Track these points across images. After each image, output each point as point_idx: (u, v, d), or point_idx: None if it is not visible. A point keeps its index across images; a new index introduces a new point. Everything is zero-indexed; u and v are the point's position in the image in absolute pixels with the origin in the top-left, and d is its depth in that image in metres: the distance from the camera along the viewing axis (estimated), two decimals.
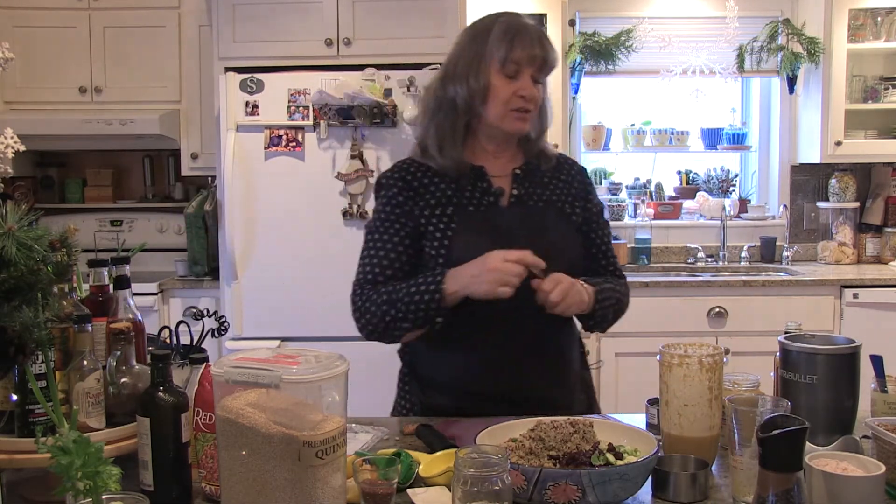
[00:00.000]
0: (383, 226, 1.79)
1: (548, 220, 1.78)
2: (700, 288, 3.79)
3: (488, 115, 1.74)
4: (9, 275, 1.17)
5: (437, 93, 1.79)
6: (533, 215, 1.77)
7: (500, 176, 1.80)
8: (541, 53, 1.72)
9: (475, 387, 1.73)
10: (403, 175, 1.80)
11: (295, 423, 1.13)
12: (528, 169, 1.83)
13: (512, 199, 1.78)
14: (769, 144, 4.51)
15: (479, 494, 1.10)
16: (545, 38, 1.76)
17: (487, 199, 1.77)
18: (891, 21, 4.09)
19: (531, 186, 1.81)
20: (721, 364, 1.46)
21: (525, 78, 1.72)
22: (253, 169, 3.46)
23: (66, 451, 1.07)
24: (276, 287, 3.49)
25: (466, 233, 1.72)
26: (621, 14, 4.29)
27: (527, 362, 1.73)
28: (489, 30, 1.74)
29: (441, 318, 1.66)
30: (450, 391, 1.76)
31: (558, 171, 1.86)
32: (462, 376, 1.75)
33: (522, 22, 1.77)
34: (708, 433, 1.44)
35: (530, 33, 1.74)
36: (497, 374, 1.72)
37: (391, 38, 3.56)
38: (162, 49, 3.96)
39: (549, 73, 1.78)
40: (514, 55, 1.71)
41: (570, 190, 1.84)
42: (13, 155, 1.40)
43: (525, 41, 1.72)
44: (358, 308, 1.75)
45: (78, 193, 4.36)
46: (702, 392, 1.43)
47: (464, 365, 1.74)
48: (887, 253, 4.24)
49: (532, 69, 1.73)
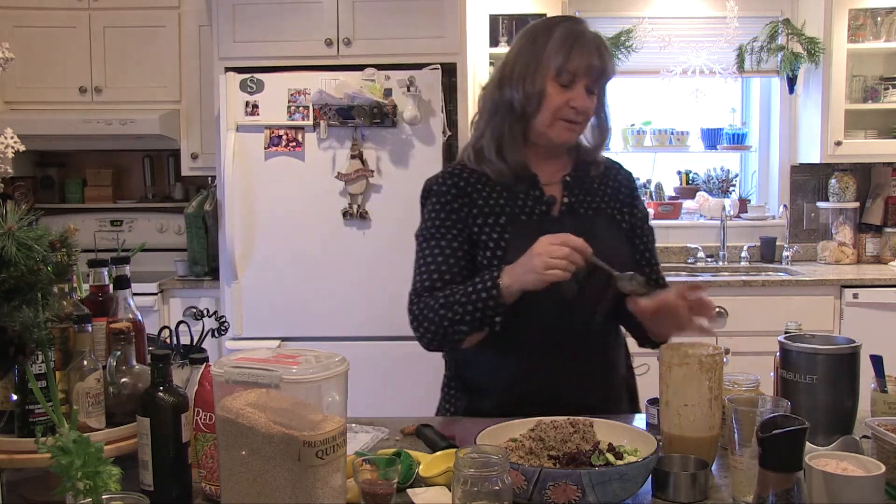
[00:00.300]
0: (438, 232, 1.74)
1: (598, 228, 1.75)
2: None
3: (537, 121, 1.71)
4: (9, 275, 1.17)
5: (493, 95, 1.76)
6: (584, 224, 1.74)
7: (552, 183, 1.78)
8: (598, 64, 1.69)
9: (520, 391, 1.70)
10: (456, 181, 1.76)
11: (295, 423, 1.13)
12: (577, 175, 1.80)
13: (563, 207, 1.76)
14: (769, 144, 4.51)
15: (479, 494, 1.10)
16: (604, 48, 1.72)
17: (540, 207, 1.75)
18: (891, 21, 4.09)
19: (580, 193, 1.79)
20: (721, 364, 1.46)
21: (579, 88, 1.69)
22: (253, 169, 3.46)
23: (66, 451, 1.07)
24: (276, 287, 3.49)
25: (520, 242, 1.68)
26: (621, 14, 4.29)
27: (573, 368, 1.71)
28: (549, 35, 1.71)
29: (500, 318, 1.61)
30: (495, 395, 1.74)
31: (606, 176, 1.84)
32: (507, 380, 1.73)
33: (582, 29, 1.73)
34: (708, 433, 1.44)
35: (589, 42, 1.70)
36: (543, 379, 1.70)
37: (391, 38, 3.56)
38: (162, 49, 3.96)
39: (607, 83, 1.75)
40: (571, 65, 1.67)
41: (618, 196, 1.83)
42: (13, 155, 1.40)
43: (583, 50, 1.68)
44: (416, 317, 1.72)
45: (78, 193, 4.36)
46: (702, 392, 1.43)
47: (509, 369, 1.72)
48: (887, 253, 4.24)
49: (587, 80, 1.69)
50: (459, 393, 1.84)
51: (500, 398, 1.72)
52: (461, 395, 1.83)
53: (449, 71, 3.54)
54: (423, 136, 3.43)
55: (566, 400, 1.64)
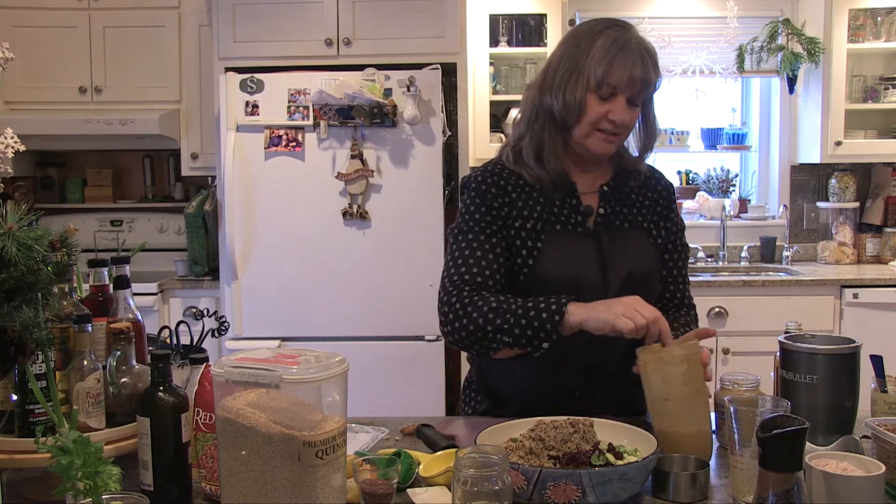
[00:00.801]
0: (478, 226, 1.69)
1: (632, 241, 1.72)
2: (700, 288, 3.78)
3: (575, 132, 1.68)
4: (9, 275, 1.17)
5: (534, 99, 1.72)
6: (618, 237, 1.71)
7: (589, 192, 1.75)
8: (641, 75, 1.64)
9: (544, 401, 1.66)
10: (496, 179, 1.72)
11: (295, 423, 1.13)
12: (615, 185, 1.77)
13: (598, 218, 1.73)
14: (769, 144, 4.51)
15: (479, 494, 1.10)
16: (648, 58, 1.67)
17: (575, 217, 1.71)
18: (891, 21, 4.09)
19: (617, 205, 1.75)
20: (697, 356, 1.45)
21: (620, 101, 1.65)
22: (253, 169, 3.46)
23: (66, 451, 1.07)
24: (276, 287, 3.49)
25: (552, 251, 1.66)
26: (621, 14, 4.29)
27: (601, 386, 1.69)
28: (592, 42, 1.65)
29: (547, 345, 1.54)
30: (518, 403, 1.71)
31: (646, 187, 1.80)
32: (532, 390, 1.70)
33: (627, 38, 1.65)
34: (694, 427, 1.43)
35: (632, 53, 1.64)
36: (568, 394, 1.68)
37: (391, 38, 3.57)
38: (162, 49, 3.96)
39: (651, 94, 1.71)
40: (612, 78, 1.63)
41: (656, 209, 1.79)
42: (13, 155, 1.40)
43: (625, 62, 1.63)
44: (454, 311, 1.61)
45: (78, 193, 4.36)
46: (677, 385, 1.43)
47: (536, 380, 1.69)
48: (887, 253, 4.24)
49: (629, 92, 1.66)
50: (481, 396, 1.82)
51: (522, 406, 1.68)
52: (483, 398, 1.82)
53: (449, 71, 3.55)
54: (423, 136, 3.43)
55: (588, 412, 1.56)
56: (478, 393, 1.84)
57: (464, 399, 1.88)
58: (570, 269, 1.65)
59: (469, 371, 1.89)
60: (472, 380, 1.86)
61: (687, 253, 1.85)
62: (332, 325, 3.47)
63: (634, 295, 1.55)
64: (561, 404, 1.63)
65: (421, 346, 3.45)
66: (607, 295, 1.64)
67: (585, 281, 1.66)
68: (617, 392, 1.70)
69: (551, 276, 1.65)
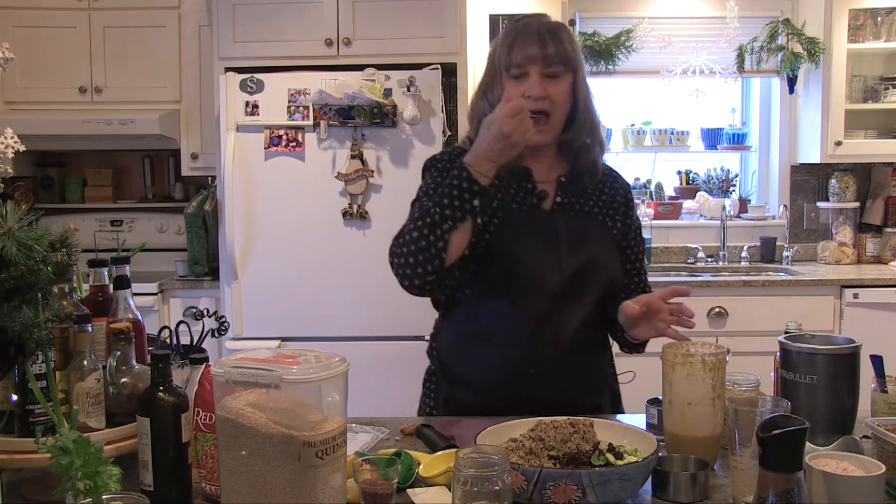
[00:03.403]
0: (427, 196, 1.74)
1: (588, 229, 1.77)
2: (700, 288, 3.79)
3: None
4: (9, 275, 1.17)
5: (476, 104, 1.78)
6: (574, 223, 1.76)
7: (546, 181, 1.79)
8: (539, 51, 1.68)
9: (501, 384, 1.72)
10: (453, 161, 1.75)
11: (295, 423, 1.13)
12: (572, 178, 1.81)
13: (555, 205, 1.77)
14: (769, 144, 4.51)
15: (479, 494, 1.10)
16: (548, 34, 1.70)
17: (531, 199, 1.76)
18: (891, 21, 4.09)
19: (574, 195, 1.79)
20: (724, 363, 1.46)
21: (532, 78, 1.69)
22: (253, 169, 3.46)
23: (66, 451, 1.07)
24: (276, 287, 3.49)
25: (508, 228, 1.71)
26: (621, 14, 4.29)
27: (556, 367, 1.72)
28: (499, 39, 1.75)
29: (477, 201, 1.58)
30: (478, 389, 1.75)
31: (603, 183, 1.84)
32: (489, 372, 1.74)
33: (526, 22, 1.74)
34: (711, 432, 1.44)
35: (530, 32, 1.70)
36: (523, 373, 1.71)
37: (391, 38, 3.56)
38: (162, 49, 3.96)
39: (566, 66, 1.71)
40: (514, 58, 1.70)
41: (613, 203, 1.83)
42: (13, 155, 1.40)
43: (524, 41, 1.69)
44: (393, 252, 1.65)
45: (78, 193, 4.36)
46: (705, 391, 1.43)
47: (492, 360, 1.73)
48: (887, 253, 4.24)
49: (539, 67, 1.69)
50: (440, 384, 1.85)
51: (483, 393, 1.74)
52: (442, 386, 1.84)
53: (449, 71, 3.54)
54: (423, 136, 3.43)
55: (546, 395, 1.67)
56: (438, 382, 1.86)
57: (424, 392, 1.90)
58: (525, 246, 1.69)
59: (429, 364, 1.91)
60: (433, 370, 1.89)
61: (644, 248, 1.92)
62: (332, 325, 3.47)
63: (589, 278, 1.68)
64: (519, 386, 1.69)
65: (421, 347, 3.39)
66: (564, 275, 1.69)
67: (542, 260, 1.70)
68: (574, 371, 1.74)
69: (505, 252, 1.69)
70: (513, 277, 1.70)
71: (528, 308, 1.69)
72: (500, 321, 1.71)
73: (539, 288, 1.69)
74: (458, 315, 1.79)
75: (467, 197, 1.57)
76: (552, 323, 1.69)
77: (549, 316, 1.69)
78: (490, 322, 1.72)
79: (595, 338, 1.81)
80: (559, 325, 1.70)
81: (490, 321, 1.72)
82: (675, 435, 1.46)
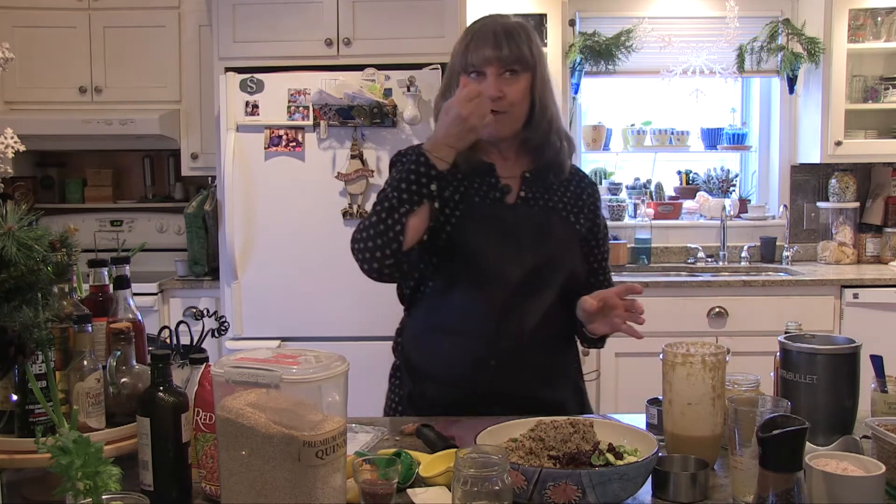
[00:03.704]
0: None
1: (551, 224, 1.79)
2: (700, 288, 3.79)
3: None
4: (9, 275, 1.17)
5: (440, 103, 1.80)
6: (537, 217, 1.78)
7: (510, 177, 1.81)
8: (493, 53, 1.70)
9: (464, 379, 1.74)
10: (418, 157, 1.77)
11: (295, 423, 1.13)
12: (537, 174, 1.83)
13: (518, 199, 1.79)
14: (769, 144, 4.51)
15: (479, 494, 1.10)
16: (503, 35, 1.71)
17: (494, 193, 1.78)
18: (891, 21, 4.09)
19: (538, 191, 1.81)
20: (724, 363, 1.46)
21: (488, 78, 1.71)
22: (253, 169, 3.46)
23: (66, 451, 1.07)
24: (276, 287, 3.49)
25: (470, 220, 1.73)
26: (621, 14, 4.29)
27: (517, 360, 1.74)
28: (459, 42, 1.78)
29: (434, 185, 1.63)
30: (440, 383, 1.77)
31: (569, 181, 1.86)
32: (452, 367, 1.76)
33: (484, 23, 1.75)
34: (711, 432, 1.44)
35: (485, 33, 1.72)
36: (483, 365, 1.73)
37: (391, 38, 3.56)
38: (162, 49, 3.96)
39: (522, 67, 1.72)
40: (471, 59, 1.72)
41: (578, 202, 1.84)
42: (13, 155, 1.40)
43: (479, 42, 1.71)
44: (354, 237, 1.71)
45: (78, 193, 4.36)
46: (705, 391, 1.43)
47: (454, 355, 1.75)
48: (887, 253, 4.24)
49: (496, 68, 1.71)
50: (404, 380, 1.86)
51: (443, 384, 1.76)
52: (406, 381, 1.85)
53: None
54: (423, 136, 3.40)
55: (507, 387, 1.71)
56: (402, 377, 1.87)
57: (390, 388, 1.92)
58: (487, 239, 1.70)
59: (395, 360, 1.92)
60: (398, 366, 1.91)
61: (609, 248, 1.94)
62: (332, 325, 3.47)
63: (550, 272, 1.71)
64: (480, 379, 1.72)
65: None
66: (525, 268, 1.71)
67: (503, 253, 1.72)
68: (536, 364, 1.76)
69: (466, 245, 1.71)
70: (474, 270, 1.72)
71: (489, 301, 1.71)
72: (462, 314, 1.73)
73: (500, 281, 1.71)
74: (422, 309, 1.81)
75: (424, 181, 1.62)
76: (513, 315, 1.72)
77: (510, 309, 1.71)
78: (451, 315, 1.74)
79: (558, 333, 1.82)
80: (520, 317, 1.72)
81: (451, 314, 1.74)
82: (675, 435, 1.46)
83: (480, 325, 1.72)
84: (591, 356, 3.65)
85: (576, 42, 4.10)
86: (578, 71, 4.13)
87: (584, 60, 4.13)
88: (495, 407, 1.67)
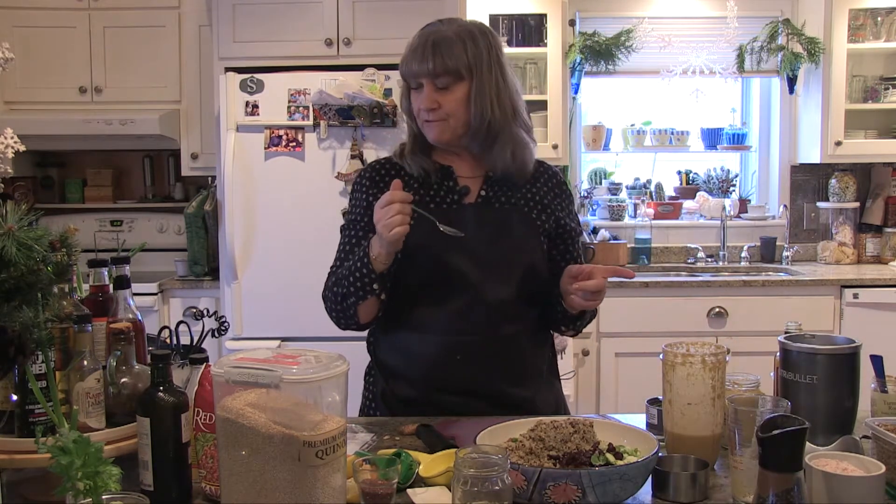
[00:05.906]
0: (350, 227, 1.86)
1: (511, 220, 1.79)
2: (700, 288, 3.79)
3: None
4: (9, 275, 1.17)
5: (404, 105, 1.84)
6: (497, 216, 1.79)
7: (471, 177, 1.82)
8: (419, 67, 1.71)
9: (430, 375, 1.76)
10: (373, 175, 1.85)
11: (295, 423, 1.13)
12: (500, 173, 1.82)
13: (479, 199, 1.80)
14: (769, 144, 4.51)
15: (479, 494, 1.10)
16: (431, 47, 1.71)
17: (452, 197, 1.80)
18: (891, 21, 4.09)
19: (500, 189, 1.82)
20: (724, 363, 1.46)
21: (423, 90, 1.73)
22: (253, 169, 3.46)
23: (66, 451, 1.07)
24: (276, 287, 3.49)
25: (424, 227, 1.70)
26: (621, 14, 4.29)
27: (480, 355, 1.75)
28: None
29: (377, 286, 1.70)
30: (408, 380, 1.79)
31: (535, 178, 1.86)
32: (419, 362, 1.77)
33: (422, 32, 1.76)
34: (711, 432, 1.44)
35: (416, 47, 1.73)
36: (450, 363, 1.74)
37: (391, 38, 3.55)
38: (162, 49, 3.96)
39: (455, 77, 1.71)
40: (404, 73, 1.76)
41: (543, 200, 1.84)
42: (13, 155, 1.40)
43: (410, 56, 1.74)
44: (323, 299, 1.87)
45: (78, 193, 4.36)
46: (705, 391, 1.43)
47: (420, 352, 1.77)
48: (887, 253, 4.24)
49: (426, 79, 1.72)
50: (377, 378, 1.88)
51: (411, 381, 1.79)
52: (378, 380, 1.87)
53: None
54: None
55: (472, 384, 1.74)
56: (375, 376, 1.89)
57: (364, 387, 1.93)
58: (441, 238, 1.70)
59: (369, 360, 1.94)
60: (371, 365, 1.93)
61: (580, 237, 1.94)
62: (332, 325, 3.44)
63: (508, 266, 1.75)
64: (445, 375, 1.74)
65: None
66: (483, 269, 1.73)
67: (459, 251, 1.73)
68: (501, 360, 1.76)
69: (422, 247, 1.72)
70: (433, 270, 1.75)
71: (450, 298, 1.74)
72: (425, 311, 1.76)
73: (458, 278, 1.73)
74: (390, 308, 1.82)
75: (367, 281, 1.71)
76: (473, 311, 1.73)
77: (470, 305, 1.73)
78: (416, 313, 1.77)
79: (525, 330, 1.82)
80: (480, 313, 1.74)
81: (416, 312, 1.77)
82: (675, 435, 1.46)
83: (443, 322, 1.74)
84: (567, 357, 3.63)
85: (576, 42, 4.10)
86: (578, 71, 4.13)
87: (584, 60, 4.13)
88: (465, 404, 1.71)
